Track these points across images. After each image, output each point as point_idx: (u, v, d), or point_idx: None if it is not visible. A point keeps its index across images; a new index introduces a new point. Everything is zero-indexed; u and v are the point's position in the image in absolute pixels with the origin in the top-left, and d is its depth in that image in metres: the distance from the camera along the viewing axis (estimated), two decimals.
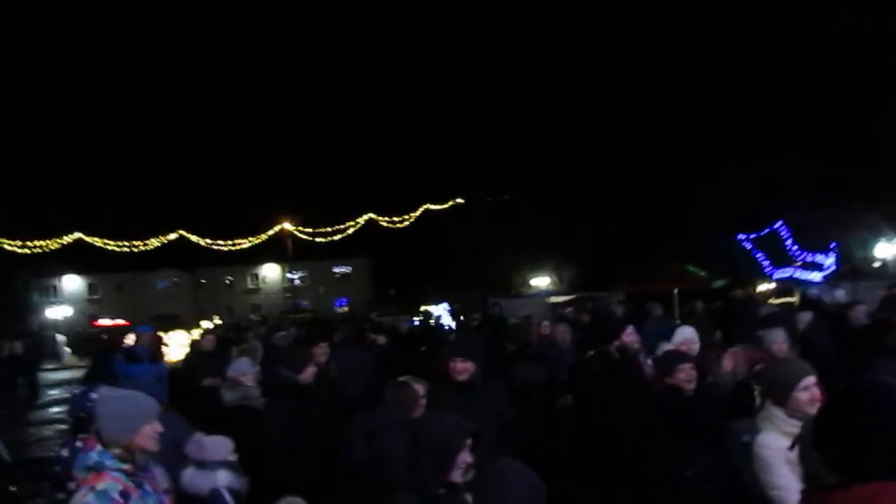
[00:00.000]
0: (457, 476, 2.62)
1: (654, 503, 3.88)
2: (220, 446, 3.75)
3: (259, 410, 4.97)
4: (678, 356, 4.57)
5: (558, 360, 7.57)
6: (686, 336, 5.14)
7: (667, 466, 3.90)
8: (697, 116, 34.03)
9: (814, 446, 1.63)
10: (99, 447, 2.88)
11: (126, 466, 2.86)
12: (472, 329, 12.86)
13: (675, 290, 19.63)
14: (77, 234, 38.31)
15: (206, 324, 28.16)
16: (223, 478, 3.62)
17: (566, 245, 34.91)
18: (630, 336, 5.31)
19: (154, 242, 40.80)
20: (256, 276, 64.64)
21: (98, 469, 2.81)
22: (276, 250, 46.89)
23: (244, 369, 5.29)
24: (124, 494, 2.76)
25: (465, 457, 2.65)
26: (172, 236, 41.10)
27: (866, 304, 8.62)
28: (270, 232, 42.74)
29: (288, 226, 42.39)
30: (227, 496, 3.64)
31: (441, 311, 21.97)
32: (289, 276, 55.36)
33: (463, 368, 4.50)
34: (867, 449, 1.44)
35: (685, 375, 4.33)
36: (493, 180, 39.24)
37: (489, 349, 7.50)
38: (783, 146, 27.31)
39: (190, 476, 3.64)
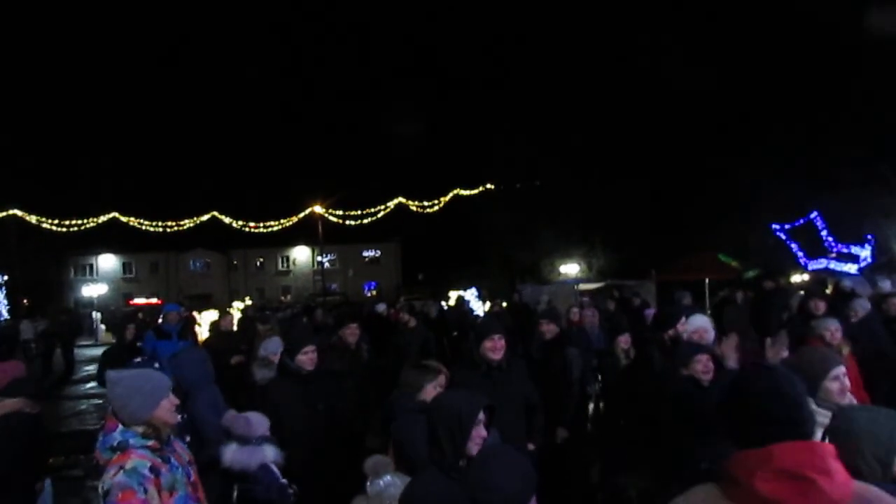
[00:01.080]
0: (474, 450, 2.69)
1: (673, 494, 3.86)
2: (263, 422, 3.83)
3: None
4: (695, 347, 4.54)
5: (588, 346, 7.57)
6: (699, 324, 5.07)
7: (684, 458, 3.90)
8: (732, 104, 33.33)
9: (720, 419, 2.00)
10: (121, 427, 2.89)
11: (151, 443, 2.88)
12: (497, 314, 12.88)
13: (707, 280, 19.45)
14: (113, 214, 39.10)
15: (237, 304, 28.53)
16: (270, 452, 3.70)
17: (596, 232, 34.62)
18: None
19: (188, 223, 41.45)
20: (287, 258, 65.24)
21: (123, 448, 2.83)
22: (306, 233, 47.27)
23: (275, 349, 5.39)
24: (154, 470, 2.79)
25: (480, 430, 2.74)
26: (205, 217, 41.72)
27: None
28: (301, 215, 43.11)
29: (319, 209, 42.69)
30: (276, 470, 3.72)
31: (469, 296, 22.01)
32: (319, 258, 55.81)
33: (499, 346, 4.56)
34: (761, 420, 1.80)
35: (702, 367, 4.31)
36: (524, 166, 38.96)
37: (514, 334, 7.51)
38: (819, 136, 26.69)
39: (235, 453, 3.67)
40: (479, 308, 19.52)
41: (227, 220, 42.44)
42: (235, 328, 10.75)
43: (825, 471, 1.69)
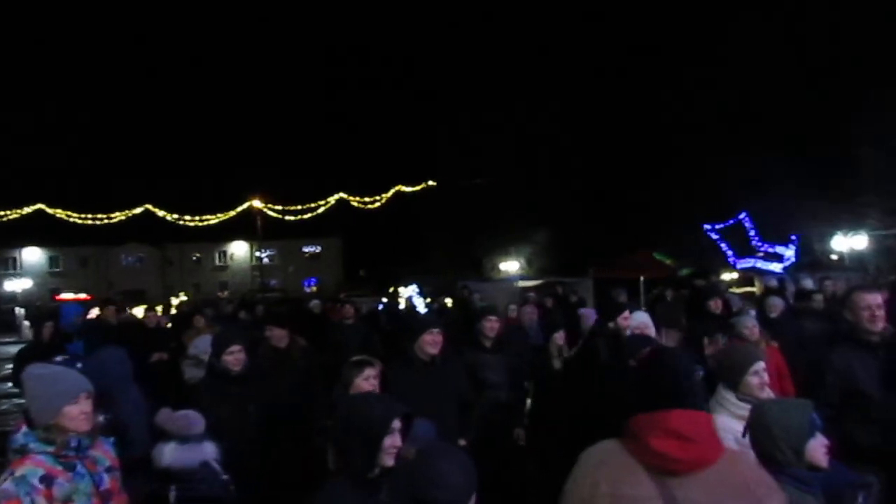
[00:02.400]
0: (387, 460, 2.55)
1: None
2: (200, 419, 3.72)
3: None
4: (642, 339, 4.68)
5: (525, 343, 7.69)
6: (641, 320, 5.25)
7: None
8: (667, 108, 34.29)
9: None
10: (24, 429, 2.75)
11: (52, 448, 2.72)
12: (440, 310, 12.92)
13: (642, 278, 19.97)
14: (38, 205, 37.52)
15: (172, 300, 27.80)
16: (210, 449, 3.59)
17: (537, 231, 35.11)
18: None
19: (119, 216, 40.13)
20: (225, 253, 63.93)
21: (23, 452, 2.69)
22: (245, 228, 46.46)
23: (205, 347, 5.23)
24: (46, 479, 2.63)
25: (395, 440, 2.57)
26: (138, 210, 40.48)
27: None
28: (240, 209, 42.32)
29: (258, 203, 41.97)
30: (217, 466, 3.62)
31: (411, 293, 21.99)
32: (258, 254, 54.88)
33: (437, 340, 4.56)
34: (658, 391, 2.21)
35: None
36: (466, 164, 39.16)
37: (456, 331, 7.54)
38: (749, 141, 27.76)
39: (175, 452, 3.54)
40: (421, 305, 19.53)
41: (161, 213, 41.27)
42: (170, 325, 10.49)
43: (702, 433, 2.12)
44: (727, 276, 23.47)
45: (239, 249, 63.15)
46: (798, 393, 3.82)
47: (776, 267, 24.29)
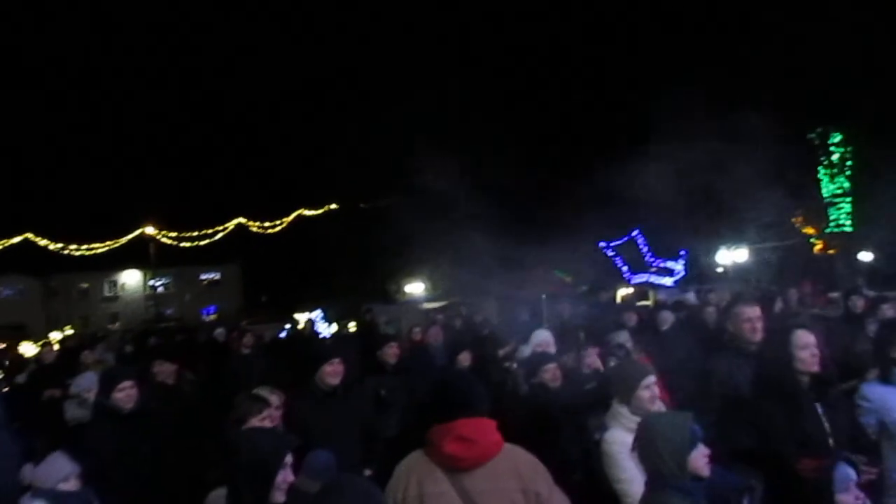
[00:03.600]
0: (278, 496, 2.52)
1: None
2: (49, 473, 3.42)
3: None
4: (543, 357, 4.82)
5: (429, 365, 7.69)
6: (542, 338, 5.40)
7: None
8: (569, 133, 35.67)
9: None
10: None
11: None
12: (345, 336, 12.76)
13: (543, 295, 20.48)
14: None
15: (55, 335, 26.07)
16: None
17: (440, 252, 35.37)
18: (514, 344, 5.58)
19: None
20: (115, 283, 60.60)
21: None
22: (137, 255, 44.29)
23: (88, 385, 4.92)
24: None
25: (286, 475, 2.55)
26: (17, 239, 37.85)
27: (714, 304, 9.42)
28: (131, 236, 40.36)
29: (150, 229, 40.17)
30: None
31: (315, 318, 21.61)
32: (151, 283, 52.44)
33: (338, 370, 4.49)
34: (448, 403, 2.66)
35: (550, 375, 4.60)
36: (368, 187, 39.05)
37: (361, 356, 7.46)
38: (639, 160, 29.22)
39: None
40: (326, 330, 19.22)
41: (43, 242, 38.74)
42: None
43: (482, 435, 2.58)
44: (623, 291, 24.46)
45: (131, 279, 60.03)
46: (681, 403, 4.03)
47: (668, 281, 25.56)
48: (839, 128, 23.61)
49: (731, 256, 26.70)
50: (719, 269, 27.99)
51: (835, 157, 23.98)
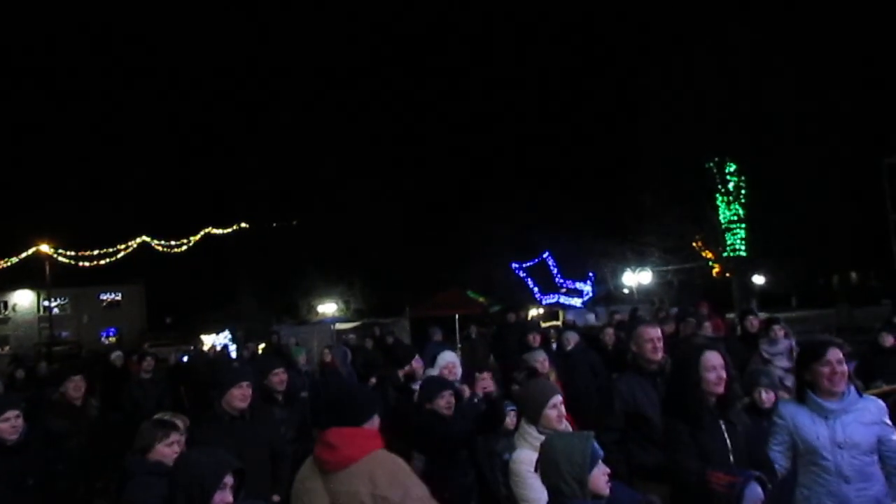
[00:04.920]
0: None
1: None
2: None
3: None
4: (440, 384, 4.83)
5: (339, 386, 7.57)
6: (448, 360, 5.43)
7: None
8: (479, 158, 36.32)
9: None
10: None
11: None
12: (249, 358, 12.38)
13: (457, 315, 20.64)
14: None
15: None
16: None
17: (353, 272, 35.16)
18: (418, 363, 5.51)
19: None
20: (6, 304, 56.79)
21: None
22: (30, 275, 41.69)
23: None
24: None
25: (226, 496, 2.55)
26: None
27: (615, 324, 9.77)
28: (24, 254, 37.99)
29: (46, 248, 37.95)
30: None
31: (223, 340, 20.93)
32: (46, 303, 49.41)
33: (245, 394, 4.36)
34: (329, 411, 3.06)
35: (444, 402, 4.62)
36: (279, 205, 38.39)
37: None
38: (549, 186, 30.15)
39: None
40: (234, 352, 18.65)
41: None
42: None
43: (344, 442, 2.89)
44: (534, 311, 24.96)
45: (23, 299, 56.34)
46: (586, 422, 4.14)
47: (577, 301, 26.27)
48: (734, 158, 25.03)
49: (636, 278, 27.76)
50: (625, 290, 29.03)
51: (731, 186, 25.38)
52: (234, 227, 40.24)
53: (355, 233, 34.68)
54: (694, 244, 26.53)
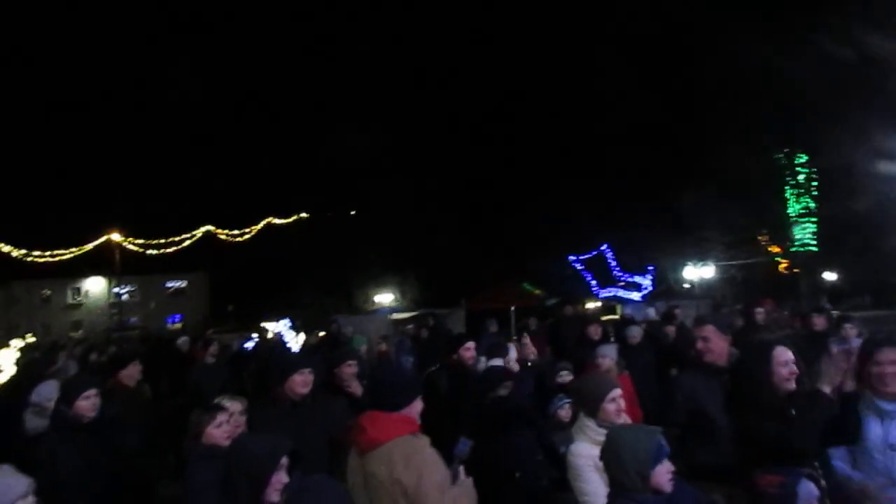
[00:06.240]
0: (273, 497, 2.60)
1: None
2: (6, 490, 3.26)
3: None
4: (501, 373, 4.83)
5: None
6: (510, 353, 5.45)
7: (500, 469, 4.11)
8: (538, 148, 36.00)
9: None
10: None
11: None
12: (312, 346, 12.62)
13: (512, 308, 20.55)
14: None
15: (16, 342, 25.37)
16: None
17: (410, 263, 35.39)
18: (467, 351, 5.48)
19: None
20: (78, 290, 59.38)
21: None
22: (101, 263, 43.43)
23: (49, 394, 4.79)
24: None
25: (281, 477, 2.63)
26: None
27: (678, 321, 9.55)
28: (96, 242, 39.58)
29: (116, 236, 39.48)
30: None
31: (282, 328, 21.37)
32: (115, 290, 51.45)
33: (306, 381, 4.43)
34: (370, 395, 3.55)
35: (504, 391, 4.62)
36: (337, 196, 38.95)
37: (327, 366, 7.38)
38: (610, 178, 29.62)
39: None
40: (293, 340, 19.04)
41: (6, 248, 37.76)
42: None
43: (373, 426, 3.16)
44: (591, 305, 24.66)
45: (94, 286, 58.85)
46: (649, 418, 4.06)
47: (635, 296, 25.82)
48: (805, 149, 24.13)
49: (697, 273, 27.09)
50: (686, 285, 28.38)
51: (801, 178, 24.48)
52: (295, 218, 41.05)
53: (412, 224, 34.91)
54: (759, 238, 25.71)
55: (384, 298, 34.06)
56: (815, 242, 24.58)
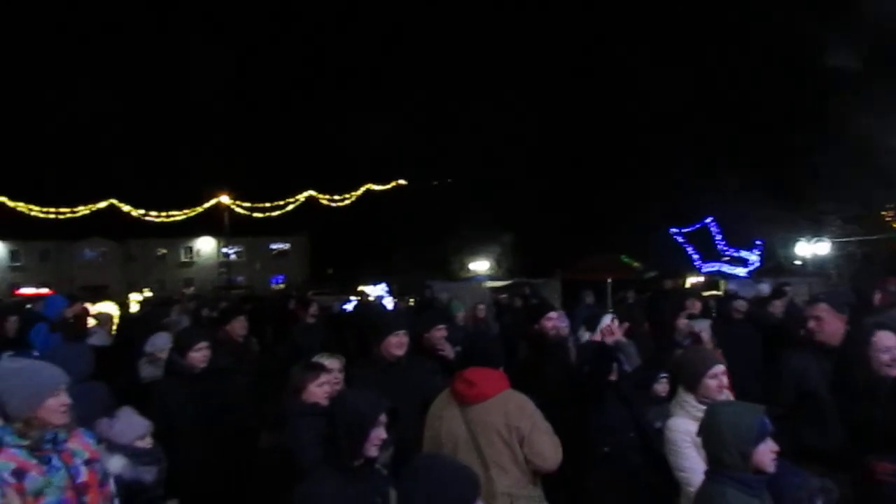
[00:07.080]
0: (372, 451, 2.73)
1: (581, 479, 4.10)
2: (126, 430, 3.52)
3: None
4: (595, 347, 4.72)
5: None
6: (606, 322, 5.27)
7: (588, 443, 4.08)
8: (635, 112, 34.75)
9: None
10: (0, 422, 2.75)
11: (27, 442, 2.73)
12: (406, 310, 12.88)
13: (609, 280, 20.14)
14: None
15: (134, 296, 27.28)
16: (115, 465, 3.34)
17: (506, 231, 35.28)
18: (550, 321, 5.35)
19: (83, 210, 39.24)
20: (190, 249, 62.93)
21: None
22: (212, 224, 45.81)
23: (162, 345, 5.11)
24: (18, 473, 2.66)
25: (380, 432, 2.75)
26: (103, 204, 39.63)
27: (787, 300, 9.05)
28: (207, 205, 41.73)
29: (225, 199, 41.45)
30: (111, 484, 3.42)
31: (379, 292, 21.93)
32: (224, 250, 54.20)
33: (401, 342, 4.50)
34: (468, 356, 3.87)
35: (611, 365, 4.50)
36: (436, 164, 39.19)
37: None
38: (715, 147, 28.23)
39: (121, 464, 3.42)
40: (390, 304, 19.48)
41: (126, 208, 40.45)
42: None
43: (480, 380, 3.50)
44: (692, 280, 23.81)
45: (205, 246, 62.22)
46: (741, 396, 3.89)
47: (741, 271, 24.72)
48: None
49: (811, 249, 25.56)
50: (797, 262, 26.87)
51: None
52: (393, 184, 41.70)
53: (509, 192, 34.72)
54: (883, 213, 23.94)
55: (479, 266, 34.20)
56: None
